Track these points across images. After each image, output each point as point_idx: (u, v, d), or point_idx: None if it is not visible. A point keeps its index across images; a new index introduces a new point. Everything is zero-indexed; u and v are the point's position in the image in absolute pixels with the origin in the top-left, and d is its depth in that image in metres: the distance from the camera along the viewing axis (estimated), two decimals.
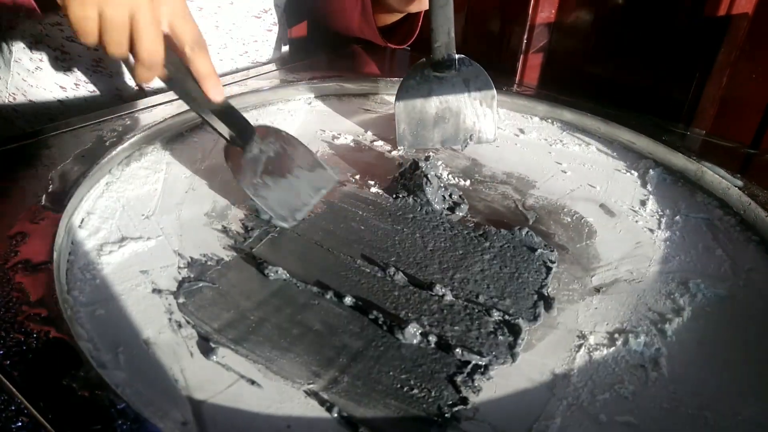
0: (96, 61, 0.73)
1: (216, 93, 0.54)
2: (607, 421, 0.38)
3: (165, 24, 0.51)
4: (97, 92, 0.75)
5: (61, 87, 0.74)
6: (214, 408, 0.37)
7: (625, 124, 0.72)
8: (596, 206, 0.61)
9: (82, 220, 0.52)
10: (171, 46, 0.52)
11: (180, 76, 0.54)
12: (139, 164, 0.62)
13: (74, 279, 0.46)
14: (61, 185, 0.52)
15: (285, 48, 0.97)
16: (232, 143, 0.56)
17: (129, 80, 0.76)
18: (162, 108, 0.68)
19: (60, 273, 0.45)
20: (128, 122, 0.64)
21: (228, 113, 0.56)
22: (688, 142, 0.70)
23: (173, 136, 0.68)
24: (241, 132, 0.56)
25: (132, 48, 0.50)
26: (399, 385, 0.39)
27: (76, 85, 0.74)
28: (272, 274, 0.48)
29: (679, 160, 0.66)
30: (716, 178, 0.61)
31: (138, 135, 0.62)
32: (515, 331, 0.44)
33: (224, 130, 0.55)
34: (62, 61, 0.73)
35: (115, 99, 0.76)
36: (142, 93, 0.76)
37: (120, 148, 0.59)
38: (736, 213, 0.59)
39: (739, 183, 0.59)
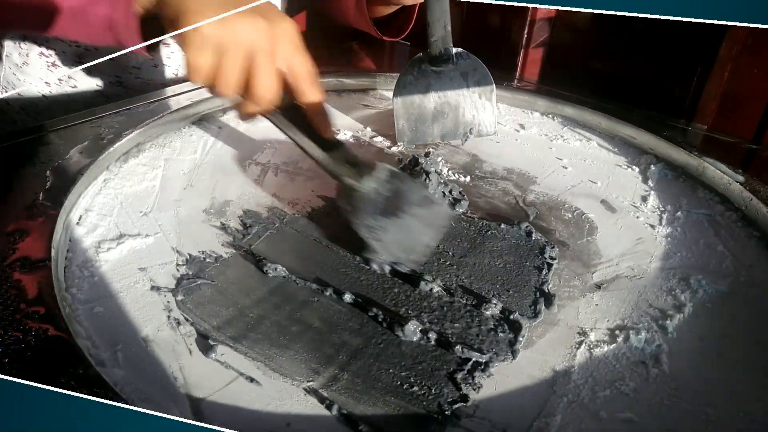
0: (78, 57, 0.74)
1: (328, 130, 0.53)
2: (607, 418, 0.38)
3: (281, 61, 0.49)
4: (78, 89, 0.76)
5: (46, 83, 0.76)
6: (213, 406, 0.37)
7: (626, 119, 0.71)
8: (597, 202, 0.61)
9: (80, 217, 0.52)
10: (283, 81, 0.50)
11: (288, 110, 0.52)
12: (137, 161, 0.62)
13: (72, 276, 0.45)
14: (59, 182, 0.52)
15: None
16: (343, 182, 0.52)
17: (108, 77, 0.76)
18: (159, 104, 0.68)
19: (58, 270, 0.44)
20: (126, 119, 0.64)
21: (339, 150, 0.53)
22: (689, 137, 0.70)
23: (171, 133, 0.67)
24: (354, 170, 0.52)
25: (244, 87, 0.49)
26: (399, 383, 0.39)
27: (59, 81, 0.75)
28: (271, 272, 0.48)
29: (680, 155, 0.66)
30: (718, 173, 0.61)
31: (136, 131, 0.62)
32: (516, 328, 0.44)
33: (335, 168, 0.52)
34: (47, 57, 0.74)
35: (97, 95, 0.76)
36: (124, 89, 0.76)
37: (118, 144, 0.59)
38: (738, 209, 0.58)
39: (741, 178, 0.59)
